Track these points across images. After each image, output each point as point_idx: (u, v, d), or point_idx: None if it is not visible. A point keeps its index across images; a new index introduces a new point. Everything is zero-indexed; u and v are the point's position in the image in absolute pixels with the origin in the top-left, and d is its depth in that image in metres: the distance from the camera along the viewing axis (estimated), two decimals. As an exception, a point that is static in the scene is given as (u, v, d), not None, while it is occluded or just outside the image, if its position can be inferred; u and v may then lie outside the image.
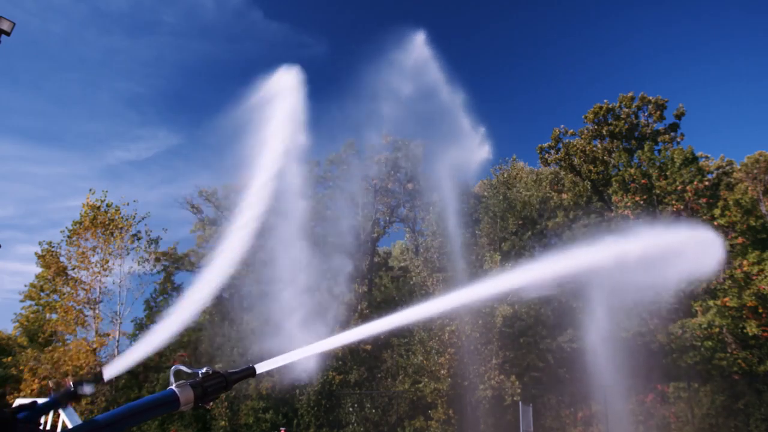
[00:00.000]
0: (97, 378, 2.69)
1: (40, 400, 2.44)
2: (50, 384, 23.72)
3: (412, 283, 26.95)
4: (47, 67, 59.07)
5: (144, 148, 62.61)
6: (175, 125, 62.51)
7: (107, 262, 27.88)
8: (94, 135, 60.14)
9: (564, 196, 28.80)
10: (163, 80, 62.04)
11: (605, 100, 29.84)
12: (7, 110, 54.56)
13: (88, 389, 2.26)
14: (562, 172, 29.98)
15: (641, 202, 24.04)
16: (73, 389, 2.16)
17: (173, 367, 2.27)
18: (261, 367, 2.56)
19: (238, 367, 2.46)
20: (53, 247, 28.33)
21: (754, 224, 22.35)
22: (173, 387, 2.11)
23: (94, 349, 26.41)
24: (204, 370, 2.22)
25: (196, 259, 33.01)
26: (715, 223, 22.20)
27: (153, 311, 29.22)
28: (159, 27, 57.75)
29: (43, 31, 53.14)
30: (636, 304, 21.49)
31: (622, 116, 29.33)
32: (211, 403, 2.28)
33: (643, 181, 24.30)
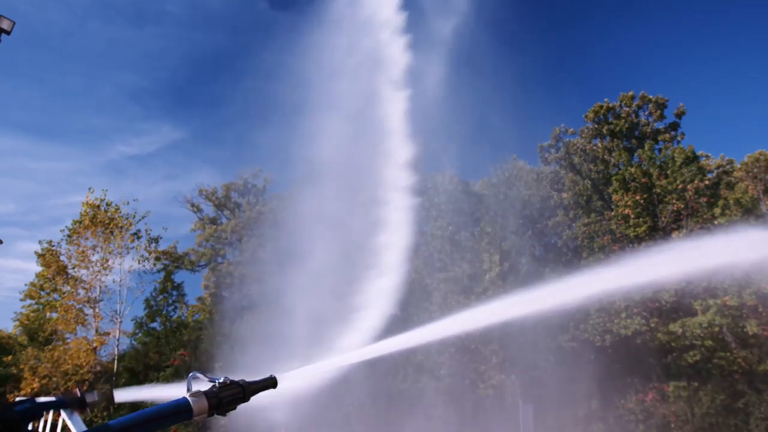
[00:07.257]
0: (108, 399, 2.62)
1: (44, 399, 2.42)
2: (60, 389, 23.62)
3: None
4: (48, 60, 58.47)
5: (147, 142, 61.71)
6: (179, 119, 61.82)
7: (107, 260, 27.91)
8: (96, 129, 59.35)
9: (564, 195, 28.75)
10: (167, 73, 61.05)
11: (606, 99, 29.78)
12: (7, 104, 54.14)
13: (91, 398, 2.23)
14: (563, 171, 29.93)
15: (642, 201, 24.03)
16: (81, 396, 2.11)
17: (190, 374, 2.17)
18: (283, 379, 2.37)
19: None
20: (53, 246, 28.36)
21: (754, 223, 22.33)
22: (187, 396, 2.02)
23: (95, 348, 26.46)
24: (222, 379, 2.12)
25: (195, 258, 33.08)
26: (716, 222, 22.19)
27: (153, 310, 29.26)
28: (163, 17, 57.00)
29: (44, 22, 52.62)
30: (636, 302, 21.49)
31: (622, 115, 29.27)
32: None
33: (643, 180, 24.28)
